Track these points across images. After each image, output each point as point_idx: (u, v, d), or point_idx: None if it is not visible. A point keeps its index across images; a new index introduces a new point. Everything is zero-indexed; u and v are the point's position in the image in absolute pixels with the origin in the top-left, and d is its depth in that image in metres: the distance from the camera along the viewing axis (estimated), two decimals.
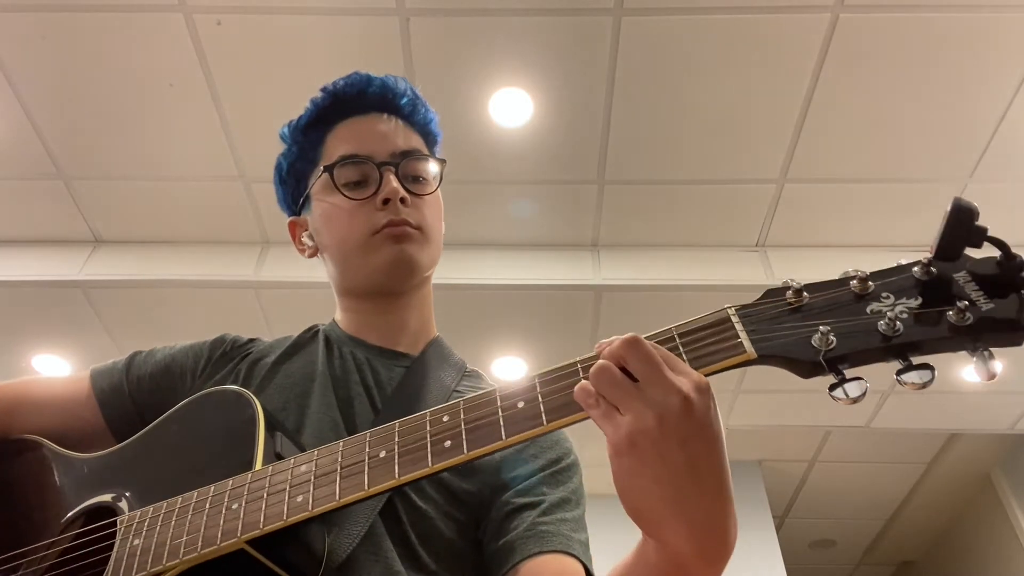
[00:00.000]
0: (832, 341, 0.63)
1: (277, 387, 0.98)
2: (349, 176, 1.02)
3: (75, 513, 0.87)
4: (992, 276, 0.62)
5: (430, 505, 0.87)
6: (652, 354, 0.62)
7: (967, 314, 0.61)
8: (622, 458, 0.61)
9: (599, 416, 0.63)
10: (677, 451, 0.59)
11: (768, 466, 4.85)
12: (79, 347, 3.58)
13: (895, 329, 0.62)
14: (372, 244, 1.00)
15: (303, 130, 1.09)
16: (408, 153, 1.04)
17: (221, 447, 0.84)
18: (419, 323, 1.07)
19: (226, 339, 1.08)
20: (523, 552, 0.83)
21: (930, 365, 0.62)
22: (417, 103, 1.10)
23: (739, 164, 3.03)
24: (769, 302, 0.68)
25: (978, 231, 0.61)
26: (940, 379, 0.65)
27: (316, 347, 1.04)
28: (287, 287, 3.23)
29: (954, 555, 5.49)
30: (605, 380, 0.62)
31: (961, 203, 0.61)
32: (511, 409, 0.69)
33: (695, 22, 2.61)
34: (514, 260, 3.32)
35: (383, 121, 1.07)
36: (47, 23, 2.61)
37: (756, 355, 0.65)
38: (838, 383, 0.63)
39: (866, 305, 0.64)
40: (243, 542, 0.73)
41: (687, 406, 0.60)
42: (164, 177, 3.10)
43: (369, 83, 1.08)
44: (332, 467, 0.75)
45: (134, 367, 1.06)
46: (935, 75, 2.67)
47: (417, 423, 0.74)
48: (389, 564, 0.83)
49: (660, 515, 0.61)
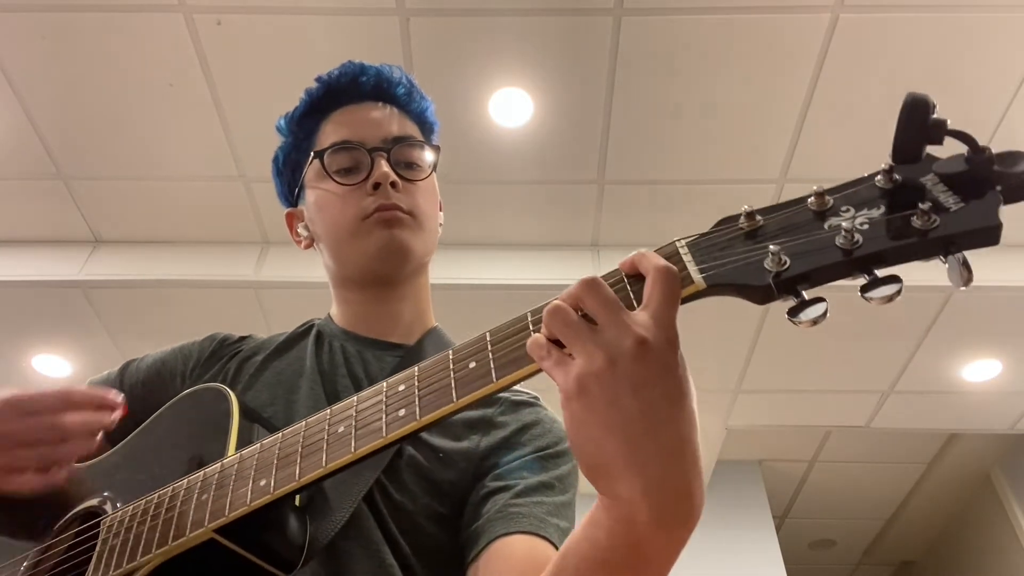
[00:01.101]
0: (785, 262, 0.57)
1: (265, 384, 0.98)
2: (340, 162, 1.02)
3: (65, 520, 0.88)
4: (961, 174, 0.56)
5: (408, 498, 0.85)
6: (611, 296, 0.58)
7: (933, 217, 0.55)
8: (571, 404, 0.57)
9: (551, 365, 0.59)
10: (629, 397, 0.55)
11: (768, 466, 4.85)
12: (79, 347, 3.58)
13: (854, 241, 0.56)
14: (363, 229, 0.99)
15: (298, 120, 1.09)
16: (401, 139, 1.04)
17: (198, 442, 0.84)
18: (414, 314, 1.05)
19: (216, 338, 1.08)
20: (491, 534, 0.79)
21: (897, 277, 0.56)
22: (413, 91, 1.09)
23: (739, 164, 3.03)
24: (721, 229, 0.63)
25: (937, 125, 0.56)
26: (940, 379, 0.62)
27: (306, 343, 1.03)
28: (287, 287, 3.23)
29: (954, 555, 5.48)
30: (559, 320, 0.58)
31: (915, 96, 0.56)
32: (463, 370, 0.66)
33: (695, 22, 2.61)
34: (514, 260, 3.32)
35: (377, 109, 1.06)
36: (47, 23, 2.61)
37: (705, 285, 0.60)
38: (798, 306, 0.57)
39: (824, 221, 0.59)
40: (211, 531, 0.72)
41: (643, 350, 0.55)
42: (164, 177, 3.10)
43: (363, 72, 1.07)
44: (294, 448, 0.73)
45: (128, 376, 1.06)
46: (935, 75, 2.67)
47: (374, 396, 0.72)
48: (382, 558, 0.82)
49: (612, 467, 0.56)
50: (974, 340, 3.53)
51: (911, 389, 3.83)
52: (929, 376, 3.74)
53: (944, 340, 3.49)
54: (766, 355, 3.63)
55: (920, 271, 2.34)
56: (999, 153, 0.56)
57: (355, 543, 0.82)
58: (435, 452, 0.88)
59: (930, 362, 3.65)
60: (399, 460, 0.87)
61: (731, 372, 3.75)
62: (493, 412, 0.92)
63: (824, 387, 3.87)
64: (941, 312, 3.34)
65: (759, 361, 3.67)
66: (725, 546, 4.38)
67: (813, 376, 3.78)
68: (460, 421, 0.91)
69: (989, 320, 3.40)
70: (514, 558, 0.76)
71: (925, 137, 0.57)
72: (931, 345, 3.53)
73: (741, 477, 4.70)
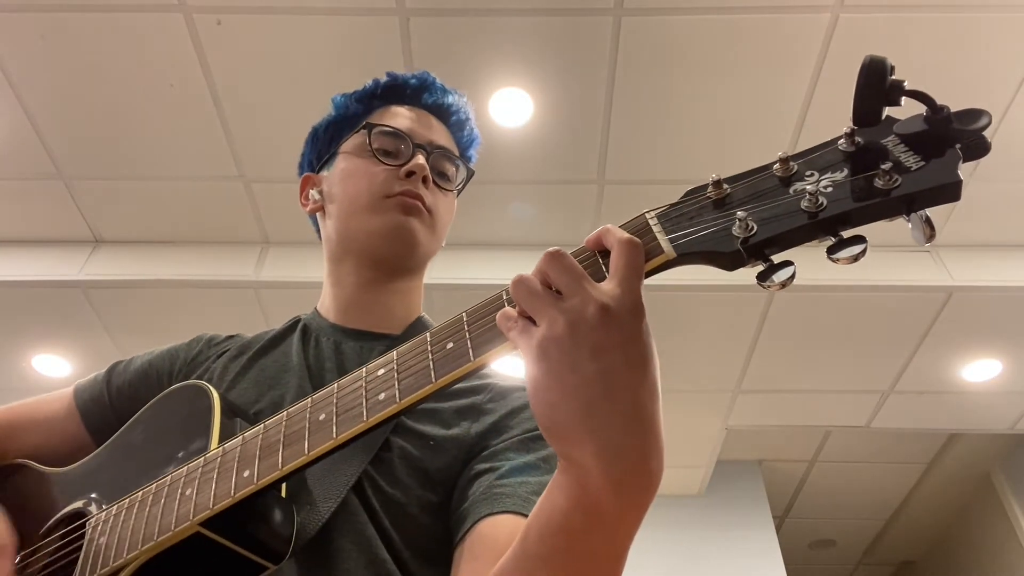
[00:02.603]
0: (752, 227, 0.59)
1: (251, 381, 0.98)
2: (384, 144, 1.04)
3: (52, 523, 0.88)
4: (920, 133, 0.58)
5: (399, 490, 0.85)
6: (574, 266, 0.59)
7: (894, 176, 0.56)
8: (531, 368, 0.57)
9: (516, 334, 0.59)
10: (588, 362, 0.55)
11: (768, 466, 4.85)
12: (79, 347, 3.58)
13: (819, 204, 0.57)
14: (382, 206, 1.00)
15: (358, 98, 1.11)
16: (444, 149, 1.08)
17: (180, 439, 0.84)
18: (405, 311, 1.06)
19: (202, 339, 1.09)
20: (476, 514, 0.79)
21: (862, 237, 0.57)
22: (467, 123, 1.15)
23: (739, 164, 3.01)
24: (690, 199, 0.64)
25: (894, 87, 0.57)
26: (940, 379, 0.62)
27: (292, 339, 1.03)
28: (287, 287, 3.23)
29: (954, 555, 5.49)
30: (523, 290, 0.59)
31: (872, 59, 0.57)
32: (440, 351, 0.66)
33: (695, 22, 2.61)
34: (514, 260, 3.31)
35: (432, 119, 1.11)
36: (47, 23, 2.61)
37: (675, 254, 0.61)
38: (767, 271, 0.58)
39: (790, 186, 0.60)
40: (196, 525, 0.72)
41: (604, 315, 0.56)
42: (164, 177, 3.10)
43: (432, 85, 1.13)
44: (277, 438, 0.73)
45: (114, 377, 1.07)
46: (935, 75, 2.67)
47: (354, 382, 0.72)
48: (375, 552, 0.81)
49: (567, 430, 0.57)
50: (974, 340, 3.53)
51: (911, 389, 3.83)
52: (929, 376, 3.74)
53: (944, 340, 3.49)
54: (766, 355, 3.63)
55: (920, 271, 2.36)
56: (957, 111, 0.57)
57: (347, 539, 0.81)
58: (425, 440, 0.88)
59: (930, 362, 3.65)
60: (389, 453, 0.87)
61: (731, 372, 3.75)
62: (482, 399, 0.92)
63: (824, 387, 3.87)
64: (941, 312, 3.34)
65: (759, 361, 3.67)
66: (725, 546, 4.38)
67: (813, 376, 3.78)
68: (450, 409, 0.91)
69: (989, 320, 3.40)
70: (498, 537, 0.76)
71: (884, 99, 0.58)
72: (931, 345, 3.53)
73: (741, 477, 4.71)
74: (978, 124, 0.56)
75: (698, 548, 4.31)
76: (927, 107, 0.58)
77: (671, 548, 4.21)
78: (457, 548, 0.80)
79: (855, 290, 3.21)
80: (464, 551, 0.78)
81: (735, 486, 4.65)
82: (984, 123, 0.57)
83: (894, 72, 0.58)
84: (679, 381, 3.69)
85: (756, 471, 4.78)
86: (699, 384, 3.79)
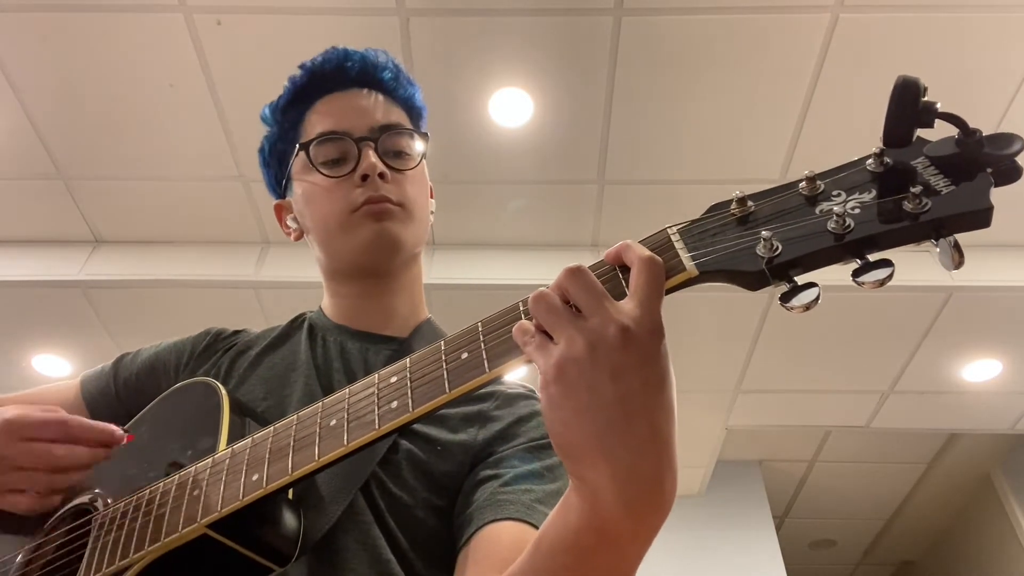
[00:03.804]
0: (777, 247, 0.57)
1: (259, 378, 0.97)
2: (327, 154, 0.99)
3: (56, 518, 0.88)
4: (951, 156, 0.56)
5: (406, 492, 0.85)
6: (595, 283, 0.58)
7: (924, 200, 0.54)
8: (549, 387, 0.57)
9: (533, 349, 0.59)
10: (607, 384, 0.55)
11: (768, 466, 4.85)
12: (79, 347, 3.58)
13: (845, 226, 0.56)
14: (352, 222, 0.97)
15: (283, 109, 1.07)
16: (388, 127, 1.01)
17: (189, 437, 0.84)
18: (409, 307, 1.05)
19: (210, 332, 1.08)
20: (479, 520, 0.78)
21: (888, 261, 0.56)
22: (399, 76, 1.06)
23: (739, 164, 3.02)
24: (713, 215, 0.62)
25: (927, 108, 0.56)
26: (940, 379, 0.62)
27: (300, 336, 1.03)
28: (287, 287, 3.23)
29: (954, 555, 5.49)
30: (543, 307, 0.59)
31: (905, 79, 0.56)
32: (455, 361, 0.66)
33: (695, 22, 2.61)
34: (514, 260, 3.31)
35: (363, 96, 1.03)
36: (47, 23, 2.61)
37: (697, 272, 0.60)
38: (790, 292, 0.57)
39: (816, 206, 0.59)
40: (204, 526, 0.72)
41: (624, 337, 0.55)
42: (164, 177, 3.10)
43: (347, 57, 1.04)
44: (287, 441, 0.73)
45: (121, 369, 1.06)
46: (935, 75, 2.67)
47: (366, 388, 0.72)
48: (379, 553, 0.81)
49: (582, 451, 0.56)
50: (974, 340, 3.53)
51: (911, 389, 3.83)
52: (929, 376, 3.74)
53: (944, 340, 3.49)
54: (766, 355, 3.63)
55: (920, 271, 2.36)
56: (989, 135, 0.56)
57: (352, 539, 0.81)
58: (433, 445, 0.88)
59: (930, 362, 3.64)
60: (396, 455, 0.87)
61: (731, 372, 3.75)
62: (489, 406, 0.92)
63: (824, 387, 3.87)
64: (941, 312, 3.34)
65: (759, 361, 3.66)
66: (725, 546, 4.39)
67: (813, 376, 3.78)
68: (457, 415, 0.91)
69: (989, 320, 3.40)
70: (501, 544, 0.76)
71: (916, 120, 0.57)
72: (931, 345, 3.53)
73: (741, 477, 4.70)
74: (1011, 149, 0.55)
75: (698, 548, 4.30)
76: (959, 130, 0.56)
77: (671, 548, 4.20)
78: (460, 553, 0.80)
79: (855, 290, 3.19)
80: (467, 556, 0.79)
81: (735, 486, 4.65)
82: (1017, 148, 0.55)
83: (927, 93, 0.56)
84: (679, 381, 3.62)
85: (756, 471, 4.78)
86: (699, 384, 3.79)
